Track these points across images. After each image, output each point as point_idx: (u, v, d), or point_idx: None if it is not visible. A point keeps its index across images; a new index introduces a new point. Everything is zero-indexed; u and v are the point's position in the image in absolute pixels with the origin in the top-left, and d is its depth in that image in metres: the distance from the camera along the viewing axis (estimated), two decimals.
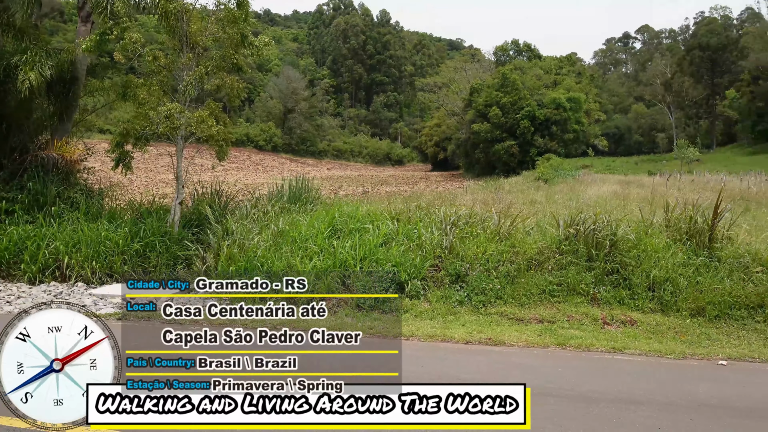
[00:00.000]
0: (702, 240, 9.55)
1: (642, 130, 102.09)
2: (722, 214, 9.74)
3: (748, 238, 10.18)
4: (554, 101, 57.54)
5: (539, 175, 37.60)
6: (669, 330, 7.86)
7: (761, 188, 26.28)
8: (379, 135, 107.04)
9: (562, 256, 9.36)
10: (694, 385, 5.82)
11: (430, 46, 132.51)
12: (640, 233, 9.78)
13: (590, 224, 9.63)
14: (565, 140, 58.48)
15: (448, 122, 72.29)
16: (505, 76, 59.34)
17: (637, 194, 23.08)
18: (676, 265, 9.01)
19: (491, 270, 9.26)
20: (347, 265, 9.56)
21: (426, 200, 16.26)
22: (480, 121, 58.67)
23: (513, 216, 11.19)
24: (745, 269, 8.81)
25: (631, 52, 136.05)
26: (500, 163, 57.58)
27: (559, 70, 74.81)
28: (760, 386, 5.86)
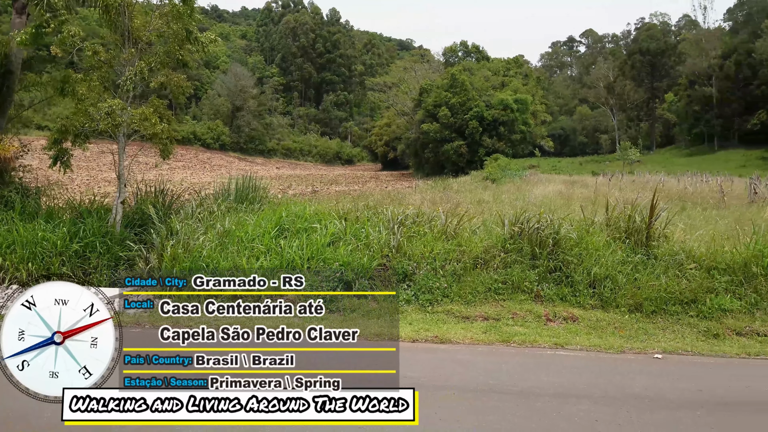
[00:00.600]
0: (640, 238, 9.89)
1: (586, 131, 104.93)
2: (658, 214, 10.10)
3: (683, 236, 10.59)
4: (502, 102, 58.52)
5: (487, 175, 38.17)
6: (609, 325, 8.10)
7: (697, 188, 27.40)
8: (329, 134, 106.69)
9: (507, 255, 9.54)
10: (631, 379, 6.01)
11: (380, 45, 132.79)
12: (581, 232, 10.05)
13: (534, 223, 9.84)
14: (512, 141, 59.55)
15: (398, 122, 72.66)
16: (454, 76, 60.00)
17: (580, 194, 23.72)
18: (615, 262, 9.29)
19: (438, 269, 9.36)
20: (294, 264, 9.51)
21: (375, 200, 16.30)
22: (429, 121, 59.17)
23: (460, 215, 11.33)
24: (679, 266, 9.15)
25: (575, 55, 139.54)
26: (449, 163, 58.20)
27: (506, 71, 76.14)
28: (693, 378, 6.10)
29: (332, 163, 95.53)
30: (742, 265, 8.97)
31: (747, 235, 10.22)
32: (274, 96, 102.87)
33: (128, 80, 11.27)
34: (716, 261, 9.17)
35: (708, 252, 9.47)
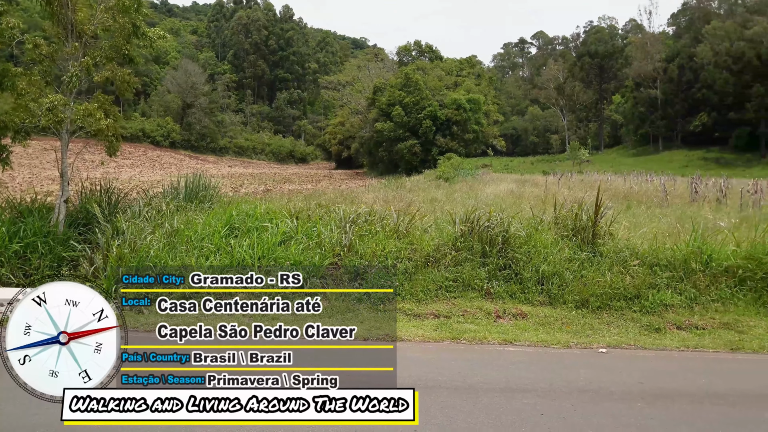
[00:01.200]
0: (586, 236, 10.14)
1: (537, 131, 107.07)
2: (603, 212, 10.38)
3: (627, 233, 10.90)
4: (455, 102, 59.07)
5: (440, 174, 38.46)
6: (556, 321, 8.27)
7: (642, 187, 28.19)
8: (283, 132, 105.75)
9: (458, 253, 9.64)
10: (575, 372, 6.16)
11: (333, 44, 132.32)
12: (530, 230, 10.24)
13: (484, 222, 9.98)
14: (465, 140, 60.17)
15: (352, 121, 72.56)
16: (407, 76, 60.26)
17: (531, 193, 24.14)
18: (563, 260, 9.50)
19: (390, 267, 9.39)
20: (245, 264, 9.41)
21: (328, 198, 16.25)
22: (383, 120, 59.29)
23: (412, 214, 11.40)
24: (624, 263, 9.42)
25: (527, 56, 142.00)
26: (403, 162, 58.45)
27: (459, 71, 76.89)
28: (635, 371, 6.29)
29: (286, 161, 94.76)
30: (682, 262, 9.30)
31: (687, 232, 10.59)
32: (226, 93, 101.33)
33: (72, 75, 10.93)
34: (658, 258, 9.48)
35: (651, 249, 9.77)
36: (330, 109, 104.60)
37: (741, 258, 9.14)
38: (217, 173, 51.36)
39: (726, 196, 22.81)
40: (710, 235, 10.32)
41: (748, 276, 8.98)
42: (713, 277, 9.12)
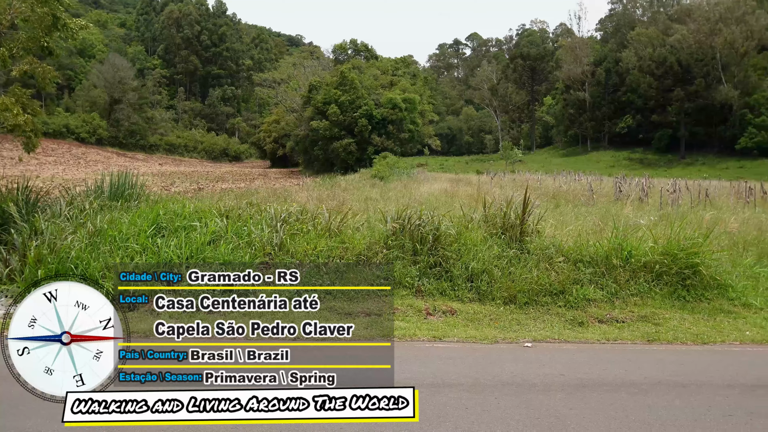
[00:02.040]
0: (514, 234, 10.39)
1: (472, 131, 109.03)
2: (531, 210, 10.66)
3: (554, 231, 11.25)
4: (391, 101, 59.39)
5: (376, 173, 38.61)
6: (485, 317, 8.44)
7: (570, 187, 29.14)
8: (216, 130, 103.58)
9: (389, 251, 9.70)
10: (501, 367, 6.31)
11: (268, 40, 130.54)
12: (461, 228, 10.40)
13: (415, 220, 10.08)
14: (401, 139, 60.60)
15: (287, 119, 71.85)
16: (343, 74, 60.17)
17: (464, 192, 24.59)
18: (492, 257, 9.70)
19: (321, 266, 9.35)
20: (172, 264, 9.17)
21: (260, 197, 16.03)
22: (319, 119, 59.00)
23: (344, 212, 11.40)
24: (550, 259, 9.71)
25: (461, 57, 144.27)
26: (339, 161, 58.34)
27: (395, 71, 77.37)
28: (557, 364, 6.50)
29: (219, 159, 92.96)
30: (605, 258, 9.66)
31: (610, 230, 11.00)
32: (156, 89, 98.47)
33: None
34: (582, 254, 9.81)
35: (575, 246, 10.11)
36: (265, 107, 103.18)
37: (658, 254, 9.56)
38: (147, 171, 49.88)
39: (647, 195, 23.85)
40: (630, 233, 10.76)
41: (664, 271, 9.41)
42: (632, 273, 9.51)
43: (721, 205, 19.94)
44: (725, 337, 7.78)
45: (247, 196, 15.69)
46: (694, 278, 9.33)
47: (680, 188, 26.23)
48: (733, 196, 24.49)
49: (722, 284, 9.38)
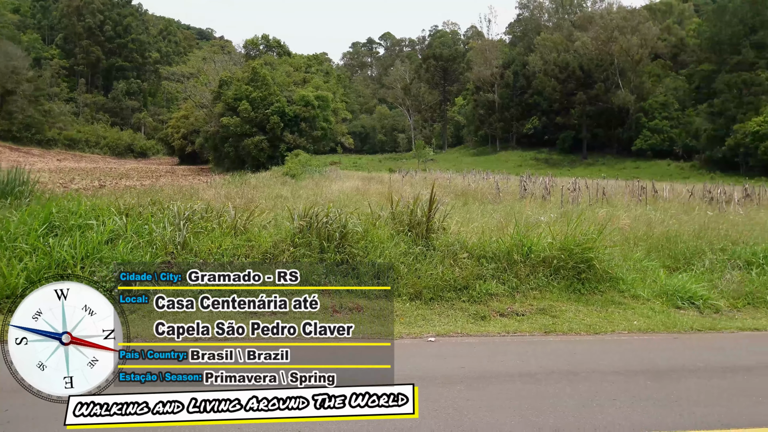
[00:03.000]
0: (421, 231, 10.56)
1: (385, 130, 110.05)
2: (437, 208, 10.87)
3: (459, 228, 11.51)
4: (303, 98, 58.94)
5: (287, 171, 38.22)
6: (391, 314, 8.53)
7: (479, 185, 29.96)
8: (121, 125, 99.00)
9: (296, 249, 9.62)
10: (404, 362, 6.35)
11: (177, 33, 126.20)
12: (368, 225, 10.47)
13: (323, 218, 10.04)
14: (314, 137, 60.27)
15: (197, 114, 69.81)
16: (255, 70, 59.12)
17: (376, 190, 24.74)
18: (398, 254, 9.83)
19: (226, 265, 9.15)
20: (66, 265, 8.70)
21: (164, 195, 15.49)
22: (230, 115, 57.70)
23: (251, 210, 11.20)
24: (454, 256, 9.93)
25: (375, 56, 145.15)
26: (250, 158, 57.31)
27: (308, 68, 76.85)
28: (459, 357, 6.66)
29: (124, 156, 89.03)
30: (506, 254, 9.99)
31: (512, 226, 11.39)
32: (54, 80, 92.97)
33: None
34: (485, 250, 10.10)
35: (479, 242, 10.39)
36: (173, 102, 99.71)
37: (556, 249, 9.99)
38: (44, 167, 47.14)
39: (550, 194, 24.89)
40: (531, 229, 11.18)
41: (561, 265, 9.84)
42: (532, 267, 9.89)
43: (617, 203, 21.11)
44: (615, 327, 8.23)
45: (150, 194, 15.10)
46: (589, 272, 9.81)
47: (580, 187, 27.55)
48: (628, 194, 25.98)
49: (614, 277, 9.92)
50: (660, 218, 14.39)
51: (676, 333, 8.12)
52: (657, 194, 25.57)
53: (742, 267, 10.72)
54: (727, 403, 5.42)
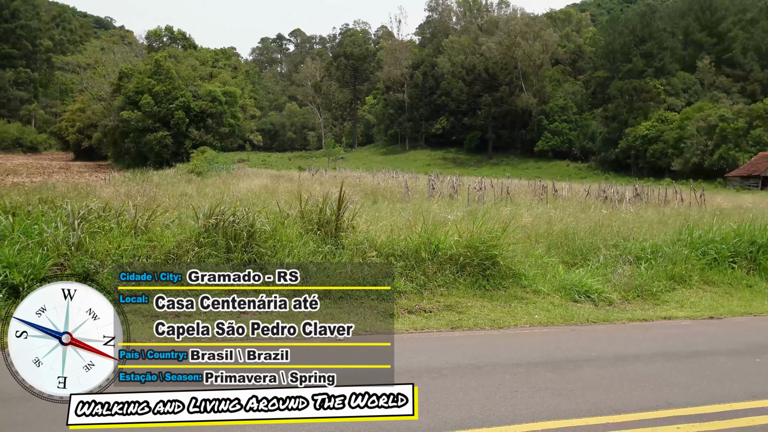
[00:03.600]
0: (330, 229, 10.52)
1: (295, 127, 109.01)
2: (346, 206, 10.87)
3: (369, 226, 11.56)
4: (210, 94, 57.35)
5: (192, 168, 37.10)
6: (300, 313, 8.42)
7: (388, 184, 30.27)
8: (8, 117, 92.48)
9: (201, 249, 9.33)
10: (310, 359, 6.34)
11: (72, 20, 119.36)
12: (276, 224, 10.30)
13: (229, 216, 9.80)
14: (221, 134, 58.80)
15: (94, 107, 66.30)
16: (158, 63, 56.92)
17: (285, 188, 24.45)
18: (307, 253, 9.75)
19: (126, 266, 8.74)
20: None
21: (57, 192, 14.60)
22: (131, 109, 55.24)
23: (153, 209, 10.77)
24: (363, 254, 9.97)
25: (285, 52, 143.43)
26: (153, 154, 55.17)
27: (215, 62, 74.81)
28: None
29: (11, 150, 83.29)
30: (414, 252, 10.13)
31: (420, 225, 11.56)
32: None
33: None
34: (394, 248, 10.19)
35: (388, 240, 10.48)
36: (67, 94, 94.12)
37: (462, 247, 10.23)
38: None
39: (457, 192, 25.52)
40: (439, 228, 11.39)
41: (467, 262, 10.09)
42: (440, 265, 10.08)
43: (520, 201, 21.92)
44: (518, 321, 8.54)
45: (41, 191, 14.19)
46: (493, 268, 10.12)
47: (486, 186, 28.41)
48: (530, 193, 27.08)
49: (516, 273, 10.28)
50: (559, 216, 15.06)
51: (574, 325, 8.53)
52: (557, 193, 26.80)
53: (632, 262, 11.39)
54: (619, 390, 5.74)
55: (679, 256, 11.34)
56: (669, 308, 9.61)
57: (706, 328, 8.63)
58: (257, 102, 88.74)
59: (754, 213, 16.69)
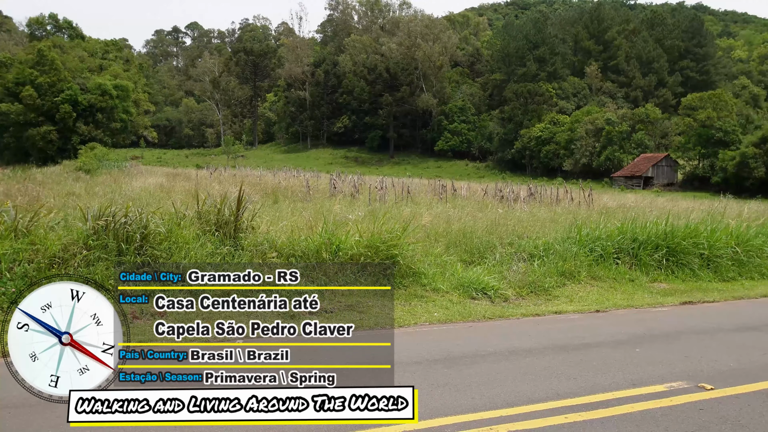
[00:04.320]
0: (229, 230, 10.27)
1: (193, 124, 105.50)
2: (246, 206, 10.65)
3: (269, 227, 11.39)
4: (100, 87, 54.44)
5: (81, 166, 35.09)
6: (196, 316, 8.17)
7: (290, 183, 29.96)
8: None
9: (90, 252, 8.84)
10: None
11: None
12: (172, 225, 9.93)
13: (121, 218, 9.34)
14: (112, 129, 55.98)
15: None
16: (42, 52, 53.34)
17: (182, 187, 23.63)
18: (205, 254, 9.47)
19: (4, 272, 8.15)
20: None
21: None
22: (10, 101, 51.47)
23: (35, 209, 10.08)
24: (263, 255, 9.81)
25: (181, 46, 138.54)
26: (36, 150, 51.74)
27: (105, 54, 71.19)
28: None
29: None
30: (315, 252, 10.09)
31: (321, 225, 11.52)
32: None
33: None
34: (294, 249, 10.11)
35: (288, 241, 10.37)
36: None
37: (363, 247, 10.29)
38: None
39: (359, 192, 25.66)
40: (340, 227, 11.40)
41: (368, 262, 10.16)
42: (341, 265, 10.09)
43: (420, 201, 22.34)
44: (417, 319, 8.69)
45: None
46: (394, 268, 10.25)
47: (387, 185, 28.76)
48: (430, 193, 27.68)
49: (416, 272, 10.47)
50: (458, 215, 15.48)
51: (471, 322, 8.79)
52: (456, 192, 27.55)
53: (526, 259, 11.90)
54: (512, 383, 5.98)
55: (569, 253, 11.95)
56: (559, 303, 10.11)
57: (592, 321, 9.15)
58: (152, 97, 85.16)
59: (636, 212, 17.88)
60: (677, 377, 6.23)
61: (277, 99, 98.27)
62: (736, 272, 12.67)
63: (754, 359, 7.02)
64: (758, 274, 12.85)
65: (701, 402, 5.54)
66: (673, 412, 5.30)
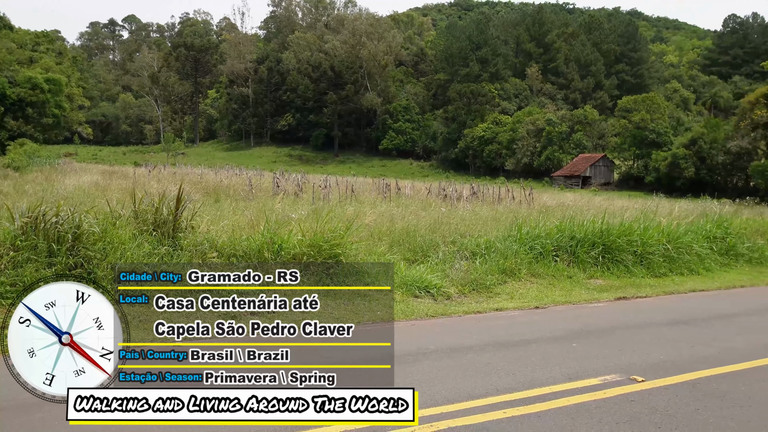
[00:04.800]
0: (167, 230, 10.00)
1: (130, 120, 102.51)
2: (185, 205, 10.40)
3: (209, 226, 11.15)
4: (30, 80, 52.17)
5: (9, 162, 33.61)
6: (133, 319, 7.93)
7: (232, 181, 29.46)
8: None
9: (17, 253, 8.45)
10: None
11: None
12: (107, 225, 9.60)
13: (52, 217, 8.97)
14: (43, 125, 53.74)
15: None
16: None
17: (118, 185, 22.90)
18: (142, 255, 9.20)
19: None
20: None
21: None
22: None
23: None
24: (203, 255, 9.61)
25: (118, 39, 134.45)
26: None
27: (36, 46, 68.27)
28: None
29: None
30: (257, 251, 9.94)
31: (263, 224, 11.37)
32: None
33: None
34: (236, 248, 9.94)
35: (229, 240, 10.19)
36: None
37: (305, 246, 10.20)
38: None
39: (302, 190, 25.47)
40: (282, 226, 11.28)
41: (311, 262, 10.09)
42: (283, 265, 9.97)
43: (364, 199, 22.33)
44: (361, 319, 8.68)
45: None
46: (337, 267, 10.20)
47: (331, 184, 28.64)
48: (375, 191, 27.72)
49: (360, 271, 10.45)
50: (401, 214, 15.54)
51: (414, 320, 8.85)
52: (400, 191, 27.68)
53: (468, 257, 12.06)
54: (453, 380, 6.04)
55: (509, 251, 12.17)
56: (500, 300, 10.29)
57: (531, 317, 9.35)
58: (86, 91, 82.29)
59: (574, 210, 18.38)
60: (611, 370, 6.43)
61: (219, 96, 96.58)
62: (667, 268, 13.20)
63: (682, 352, 7.32)
64: (687, 270, 13.43)
65: (633, 393, 5.74)
66: (607, 404, 5.47)
